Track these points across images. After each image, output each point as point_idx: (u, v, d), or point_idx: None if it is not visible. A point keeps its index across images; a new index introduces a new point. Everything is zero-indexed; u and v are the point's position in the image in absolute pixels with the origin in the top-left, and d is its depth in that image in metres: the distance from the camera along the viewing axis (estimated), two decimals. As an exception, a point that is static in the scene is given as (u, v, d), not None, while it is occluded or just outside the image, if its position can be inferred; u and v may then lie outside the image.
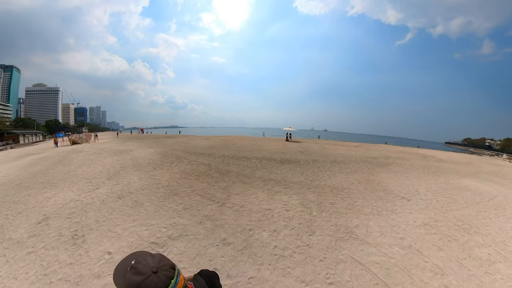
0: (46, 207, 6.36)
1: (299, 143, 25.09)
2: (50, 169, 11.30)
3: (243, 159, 12.18)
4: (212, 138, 29.89)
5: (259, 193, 6.32)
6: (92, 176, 9.28)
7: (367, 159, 12.60)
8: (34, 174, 10.66)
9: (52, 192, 7.59)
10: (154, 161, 12.03)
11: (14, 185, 9.24)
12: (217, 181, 8.03)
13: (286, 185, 7.18)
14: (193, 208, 5.49)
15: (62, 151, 20.42)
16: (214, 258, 3.48)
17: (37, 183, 9.05)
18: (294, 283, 2.90)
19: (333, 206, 5.43)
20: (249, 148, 17.77)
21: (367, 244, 3.79)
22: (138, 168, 10.53)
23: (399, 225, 4.55)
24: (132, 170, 10.02)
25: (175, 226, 4.64)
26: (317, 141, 33.85)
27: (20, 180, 9.82)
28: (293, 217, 4.78)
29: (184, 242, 4.02)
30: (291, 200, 5.72)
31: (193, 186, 7.46)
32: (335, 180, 7.76)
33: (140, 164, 11.23)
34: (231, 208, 5.37)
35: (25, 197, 7.49)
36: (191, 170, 9.97)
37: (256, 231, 4.17)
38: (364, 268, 3.19)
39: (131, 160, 12.43)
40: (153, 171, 9.95)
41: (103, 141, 29.48)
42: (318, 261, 3.36)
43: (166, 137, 32.45)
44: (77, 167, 11.17)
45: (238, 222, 4.58)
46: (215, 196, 6.25)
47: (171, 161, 12.00)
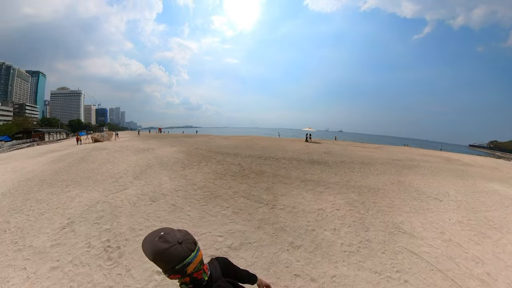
0: (70, 208, 5.53)
1: (319, 144, 24.13)
2: (73, 166, 10.75)
3: (272, 159, 11.57)
4: (231, 138, 29.06)
5: (304, 194, 6.15)
6: (118, 175, 8.50)
7: (392, 161, 12.30)
8: (57, 170, 10.13)
9: (76, 191, 6.83)
10: (180, 160, 11.18)
11: (38, 181, 8.69)
12: (256, 182, 7.47)
13: (325, 185, 7.08)
14: (244, 212, 5.00)
15: (85, 148, 20.37)
16: (290, 264, 3.29)
17: (60, 180, 8.40)
18: (370, 274, 3.10)
19: (375, 205, 5.54)
20: (273, 148, 17.00)
21: (415, 237, 4.12)
22: (165, 167, 9.68)
23: (437, 222, 4.84)
24: (160, 169, 9.18)
25: (232, 233, 4.10)
26: (336, 142, 32.21)
27: (44, 176, 9.27)
28: (345, 215, 4.86)
29: (250, 251, 3.61)
30: (337, 200, 5.76)
31: (233, 187, 6.81)
32: (369, 181, 7.74)
33: (166, 163, 10.39)
34: (283, 210, 5.11)
35: (48, 195, 6.78)
36: (224, 170, 9.03)
37: (318, 231, 4.18)
38: (418, 257, 3.52)
39: (156, 158, 11.66)
40: (183, 170, 9.05)
41: (124, 140, 29.54)
42: (381, 253, 3.60)
43: (184, 137, 32.05)
44: (101, 165, 10.52)
45: (297, 224, 4.43)
46: (261, 198, 5.82)
47: (199, 161, 11.09)
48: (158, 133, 49.58)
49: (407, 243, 3.92)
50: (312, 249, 3.60)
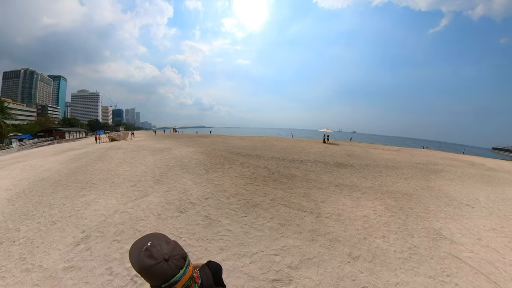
0: (85, 218, 4.76)
1: (338, 145, 22.90)
2: (89, 166, 10.20)
3: (297, 162, 10.92)
4: (247, 138, 28.18)
5: (343, 200, 5.98)
6: (136, 178, 7.76)
7: (416, 165, 11.98)
8: (74, 170, 9.60)
9: (92, 196, 6.10)
10: (201, 162, 10.35)
11: (53, 181, 8.14)
12: (290, 187, 6.95)
13: (360, 190, 6.91)
14: (291, 223, 4.59)
15: (102, 147, 20.20)
16: (356, 277, 3.17)
17: (75, 181, 7.78)
18: (426, 279, 3.17)
19: (413, 211, 5.50)
20: (294, 150, 16.09)
21: (455, 243, 4.16)
22: (186, 169, 8.87)
23: (472, 228, 4.83)
24: (181, 172, 8.37)
25: (287, 250, 3.68)
26: (354, 143, 30.62)
27: (60, 177, 8.73)
28: (389, 222, 4.81)
29: (312, 268, 3.32)
30: (376, 206, 5.66)
31: (269, 194, 6.20)
32: (399, 186, 7.67)
33: (187, 165, 9.59)
34: (329, 218, 4.90)
35: (62, 199, 6.11)
36: (252, 174, 8.19)
37: (369, 239, 4.09)
38: (462, 262, 3.60)
39: (175, 159, 10.90)
40: (207, 174, 8.20)
41: (139, 139, 29.45)
42: (429, 258, 3.64)
43: (199, 137, 31.53)
44: (118, 165, 9.88)
45: (348, 233, 4.31)
46: (303, 206, 5.46)
47: (221, 163, 10.21)
48: (172, 132, 49.72)
49: (450, 248, 3.99)
50: (370, 259, 3.56)
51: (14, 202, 6.52)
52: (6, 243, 4.29)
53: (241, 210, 4.98)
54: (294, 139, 34.71)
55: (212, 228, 4.24)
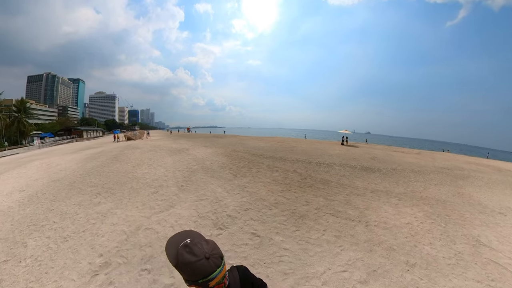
0: (102, 235, 3.90)
1: (358, 147, 21.63)
2: (105, 167, 9.53)
3: (324, 165, 10.28)
4: (264, 139, 27.17)
5: (383, 207, 5.80)
6: (157, 183, 6.93)
7: (441, 170, 11.72)
8: (89, 171, 8.96)
9: (108, 205, 5.28)
10: (225, 164, 9.43)
11: (67, 184, 7.49)
12: (328, 193, 6.53)
13: (396, 196, 6.73)
14: (345, 234, 4.38)
15: (118, 146, 19.87)
16: (418, 284, 3.15)
17: (90, 184, 7.06)
18: (475, 284, 3.26)
19: (450, 218, 5.43)
20: (315, 152, 15.19)
21: (494, 250, 4.16)
22: (211, 173, 7.97)
23: (508, 236, 4.79)
24: (207, 177, 7.48)
25: (353, 264, 3.47)
26: (372, 145, 28.93)
27: (74, 178, 8.09)
28: (432, 229, 4.78)
29: (380, 280, 3.19)
30: (416, 213, 5.58)
31: (310, 202, 5.71)
32: (431, 192, 7.49)
33: (210, 168, 8.69)
34: (378, 226, 4.74)
35: (75, 207, 5.34)
36: (283, 178, 7.51)
37: (419, 246, 4.06)
38: (504, 268, 3.66)
39: (196, 161, 10.04)
40: (235, 179, 7.27)
41: (155, 138, 29.19)
42: (474, 264, 3.72)
43: (214, 137, 30.84)
44: (135, 167, 9.12)
45: (399, 241, 4.20)
46: (349, 214, 5.26)
47: (247, 166, 9.26)
48: (186, 132, 49.66)
49: (490, 255, 4.01)
50: (425, 266, 3.58)
51: (25, 206, 5.89)
52: (11, 262, 3.58)
53: (289, 223, 4.50)
54: (310, 140, 33.39)
55: (265, 248, 3.62)
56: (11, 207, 5.78)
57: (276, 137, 32.79)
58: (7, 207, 5.81)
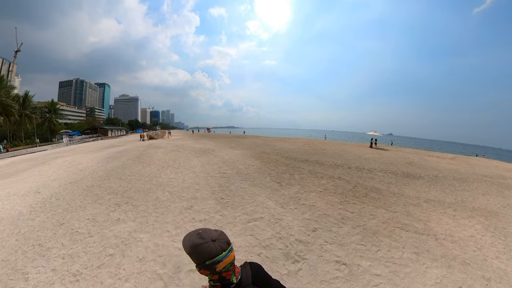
0: (125, 279, 2.62)
1: (389, 151, 19.50)
2: (127, 168, 8.51)
3: (365, 171, 9.23)
4: (288, 140, 25.53)
5: (443, 218, 5.32)
6: (188, 193, 5.67)
7: (483, 178, 10.79)
8: (109, 172, 7.97)
9: (130, 224, 4.03)
10: (261, 169, 8.04)
11: (84, 188, 6.52)
12: (386, 204, 5.73)
13: (450, 207, 6.13)
14: (422, 250, 3.86)
15: (141, 145, 19.32)
16: None
17: (109, 191, 5.96)
18: None
19: (507, 231, 4.98)
20: (348, 155, 13.74)
21: None
22: (251, 180, 6.65)
23: None
24: (247, 185, 6.16)
25: (442, 282, 3.15)
26: (401, 149, 26.12)
27: (93, 181, 7.11)
28: (494, 243, 4.42)
29: None
30: (474, 225, 5.18)
31: (375, 215, 4.95)
32: (481, 203, 6.82)
33: (247, 174, 7.33)
34: (446, 239, 4.33)
35: (88, 223, 4.18)
36: (334, 187, 6.49)
37: (488, 260, 3.85)
38: None
39: (227, 164, 8.73)
40: (282, 188, 5.89)
41: (176, 138, 28.70)
42: None
43: (235, 137, 29.70)
44: (160, 170, 7.95)
45: (469, 255, 3.91)
46: (415, 227, 4.67)
47: (288, 171, 7.80)
48: (206, 132, 49.38)
49: None
50: (499, 279, 3.40)
51: (36, 214, 4.96)
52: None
53: (367, 242, 4.01)
54: (334, 142, 31.14)
55: (358, 277, 3.07)
56: (22, 214, 5.04)
57: (299, 138, 30.93)
58: (18, 212, 5.11)
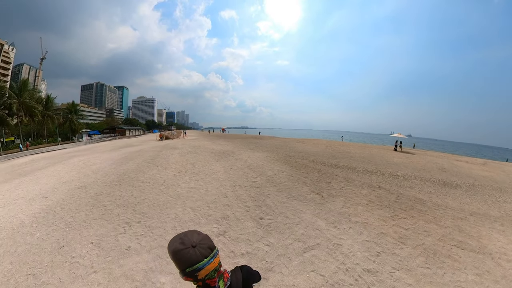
0: None
1: (414, 154, 17.66)
2: (141, 172, 7.64)
3: (400, 178, 8.24)
4: (307, 142, 24.06)
5: (493, 234, 4.59)
6: (216, 209, 4.60)
7: None
8: (121, 176, 7.14)
9: (144, 258, 3.03)
10: (293, 176, 6.91)
11: (92, 195, 5.68)
12: (435, 217, 4.84)
13: (497, 221, 5.25)
14: (483, 271, 3.41)
15: (156, 145, 18.75)
16: None
17: (119, 203, 5.02)
18: None
19: None
20: (375, 159, 12.48)
21: None
22: (287, 191, 5.55)
23: None
24: (285, 197, 5.08)
25: None
26: (428, 152, 23.64)
27: (103, 187, 6.25)
28: None
29: None
30: None
31: (430, 232, 4.17)
32: None
33: (279, 182, 6.22)
34: (501, 259, 3.80)
35: (92, 252, 3.24)
36: (377, 198, 5.63)
37: None
38: None
39: (253, 170, 7.63)
40: (326, 201, 4.92)
41: (191, 138, 28.12)
42: None
43: (252, 138, 28.62)
44: (177, 176, 6.96)
45: None
46: (470, 245, 4.04)
47: (323, 179, 6.70)
48: (221, 132, 48.85)
49: None
50: None
51: (37, 228, 4.22)
52: None
53: (432, 265, 3.28)
54: (354, 144, 29.14)
55: None
56: (23, 225, 4.40)
57: (317, 140, 29.29)
58: (19, 222, 4.50)
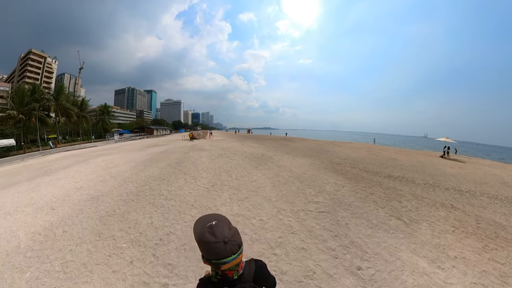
0: None
1: (465, 163, 14.64)
2: (164, 181, 6.22)
3: (468, 195, 6.57)
4: (343, 145, 21.42)
5: None
6: (293, 266, 2.80)
7: None
8: (141, 186, 5.74)
9: None
10: (356, 193, 5.20)
11: (103, 213, 4.34)
12: None
13: None
14: None
15: (183, 146, 17.71)
16: None
17: (133, 237, 3.46)
18: None
19: None
20: (428, 169, 10.46)
21: None
22: (363, 216, 3.92)
23: None
24: (368, 227, 3.56)
25: None
26: (478, 160, 19.31)
27: (117, 201, 4.90)
28: None
29: None
30: None
31: None
32: None
33: (345, 201, 4.51)
34: None
35: None
36: (460, 223, 4.26)
37: None
38: None
39: (305, 183, 5.79)
40: (410, 228, 3.71)
41: (218, 138, 26.99)
42: None
43: (282, 139, 26.63)
44: (211, 190, 5.29)
45: None
46: None
47: (395, 198, 5.17)
48: (247, 133, 47.69)
49: None
50: None
51: (30, 261, 3.17)
52: None
53: None
54: (395, 148, 25.64)
55: None
56: (18, 250, 3.48)
57: (354, 143, 26.27)
58: (15, 246, 3.62)
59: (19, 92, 28.71)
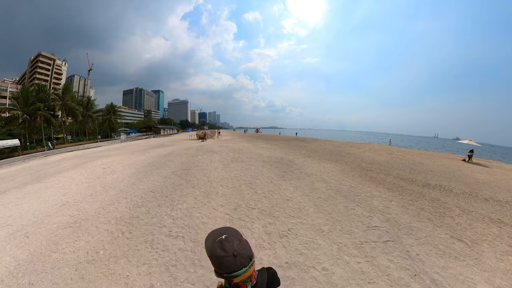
0: None
1: (490, 168, 12.94)
2: (167, 198, 4.84)
3: (509, 206, 5.52)
4: (362, 146, 19.76)
5: None
6: None
7: None
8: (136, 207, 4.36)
9: None
10: (408, 210, 4.12)
11: (81, 259, 2.89)
12: None
13: None
14: None
15: (190, 146, 16.44)
16: None
17: None
18: None
19: None
20: (457, 175, 9.35)
21: None
22: (430, 243, 2.86)
23: None
24: (439, 257, 2.54)
25: None
26: (503, 165, 17.07)
27: (103, 234, 3.51)
28: None
29: None
30: None
31: None
32: None
33: (403, 223, 3.41)
34: None
35: None
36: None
37: None
38: None
39: (351, 199, 4.36)
40: (475, 252, 2.89)
41: (226, 138, 25.69)
42: None
43: (295, 140, 25.07)
44: (233, 217, 3.88)
45: None
46: None
47: (447, 214, 4.16)
48: (255, 133, 46.34)
49: None
50: None
51: None
52: None
53: None
54: (413, 150, 23.67)
55: None
56: None
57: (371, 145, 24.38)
58: None
59: (24, 92, 28.12)
